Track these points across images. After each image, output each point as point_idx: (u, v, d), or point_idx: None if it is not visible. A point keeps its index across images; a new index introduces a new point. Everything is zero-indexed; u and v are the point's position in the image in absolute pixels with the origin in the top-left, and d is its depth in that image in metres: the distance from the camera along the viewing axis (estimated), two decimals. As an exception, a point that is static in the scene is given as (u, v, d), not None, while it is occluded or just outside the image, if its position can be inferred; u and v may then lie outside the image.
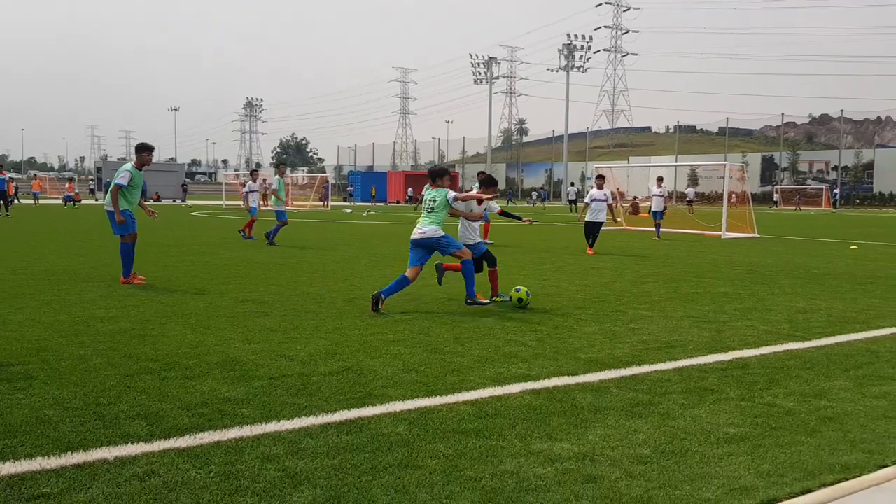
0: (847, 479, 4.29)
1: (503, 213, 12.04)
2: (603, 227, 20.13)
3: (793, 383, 6.38)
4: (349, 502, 3.88)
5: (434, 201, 10.08)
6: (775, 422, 5.33)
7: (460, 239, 10.72)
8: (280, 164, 23.42)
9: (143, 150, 12.46)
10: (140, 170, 12.25)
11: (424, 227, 9.96)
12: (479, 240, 10.98)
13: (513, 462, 4.47)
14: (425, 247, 10.00)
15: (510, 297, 10.16)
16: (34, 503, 3.82)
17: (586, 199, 20.11)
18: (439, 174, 10.41)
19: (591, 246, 19.26)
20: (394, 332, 8.30)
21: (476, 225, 11.01)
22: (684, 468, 4.41)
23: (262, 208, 28.09)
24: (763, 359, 7.28)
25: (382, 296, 9.61)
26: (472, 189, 9.98)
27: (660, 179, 26.71)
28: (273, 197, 22.05)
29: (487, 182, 11.30)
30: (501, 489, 4.07)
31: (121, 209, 11.90)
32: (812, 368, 6.91)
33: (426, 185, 27.00)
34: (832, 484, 4.22)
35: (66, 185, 57.83)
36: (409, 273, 9.87)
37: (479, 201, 10.73)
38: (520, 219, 12.47)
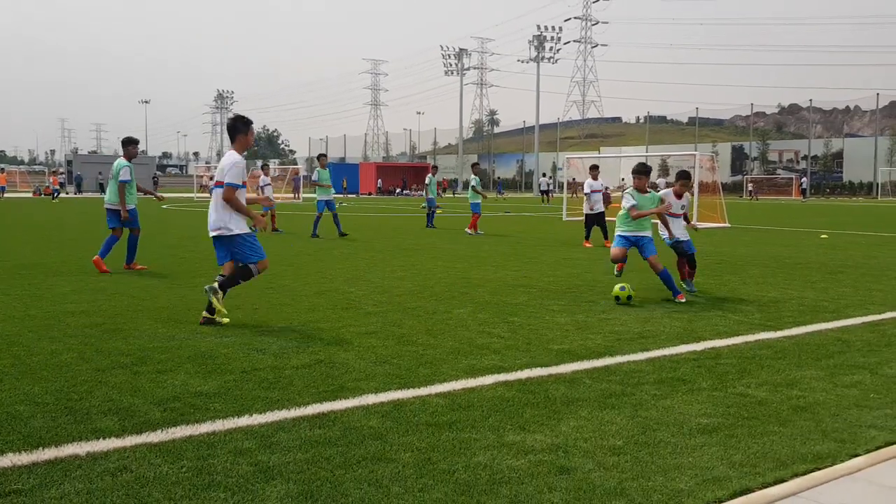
0: (819, 469, 4.33)
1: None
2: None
3: (765, 373, 6.43)
4: (322, 496, 3.87)
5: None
6: (747, 412, 5.36)
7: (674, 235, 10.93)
8: (322, 156, 23.09)
9: (130, 143, 13.29)
10: (129, 163, 12.90)
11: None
12: (684, 238, 11.05)
13: (486, 454, 4.47)
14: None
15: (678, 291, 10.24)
16: (6, 500, 3.77)
17: (585, 190, 19.74)
18: (633, 171, 10.58)
19: (587, 238, 19.12)
20: (366, 324, 8.28)
21: (679, 222, 11.10)
22: (657, 459, 4.43)
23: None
24: (735, 349, 7.33)
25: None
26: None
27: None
28: (318, 187, 21.68)
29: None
30: (475, 482, 4.07)
31: (128, 207, 12.77)
32: (784, 358, 6.97)
33: (429, 176, 26.92)
34: (805, 473, 4.25)
35: (52, 179, 55.52)
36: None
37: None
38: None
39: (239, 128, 8.40)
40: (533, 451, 4.52)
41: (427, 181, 26.98)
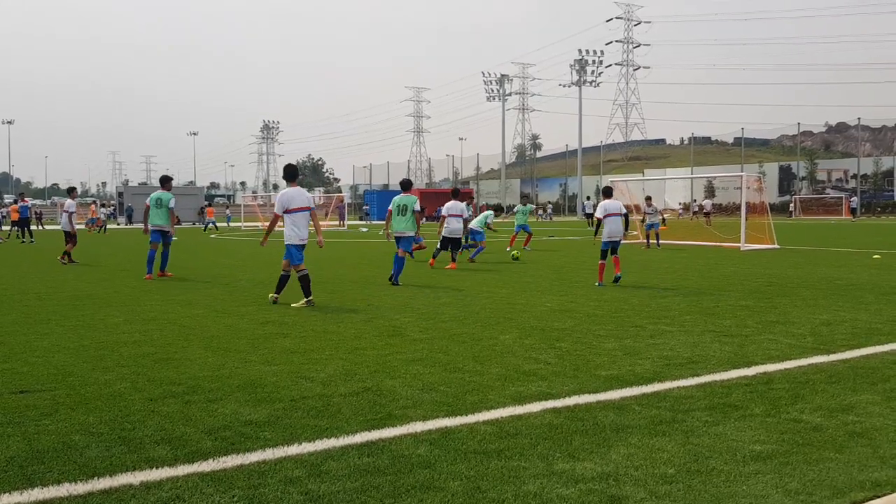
0: (878, 497, 4.23)
1: None
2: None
3: (819, 398, 6.31)
4: (373, 526, 3.87)
5: None
6: (802, 438, 5.27)
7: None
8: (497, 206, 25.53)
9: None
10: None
11: None
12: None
13: (535, 483, 4.44)
14: None
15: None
16: (59, 531, 3.84)
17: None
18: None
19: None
20: (412, 351, 8.29)
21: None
22: (710, 487, 4.37)
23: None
24: (787, 373, 7.21)
25: None
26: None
27: (648, 199, 28.74)
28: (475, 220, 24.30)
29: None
30: (526, 511, 4.04)
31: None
32: (838, 382, 6.83)
33: (519, 206, 29.89)
34: (863, 501, 4.17)
35: (207, 210, 53.58)
36: None
37: None
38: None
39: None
40: (583, 480, 4.48)
41: (516, 209, 29.15)
